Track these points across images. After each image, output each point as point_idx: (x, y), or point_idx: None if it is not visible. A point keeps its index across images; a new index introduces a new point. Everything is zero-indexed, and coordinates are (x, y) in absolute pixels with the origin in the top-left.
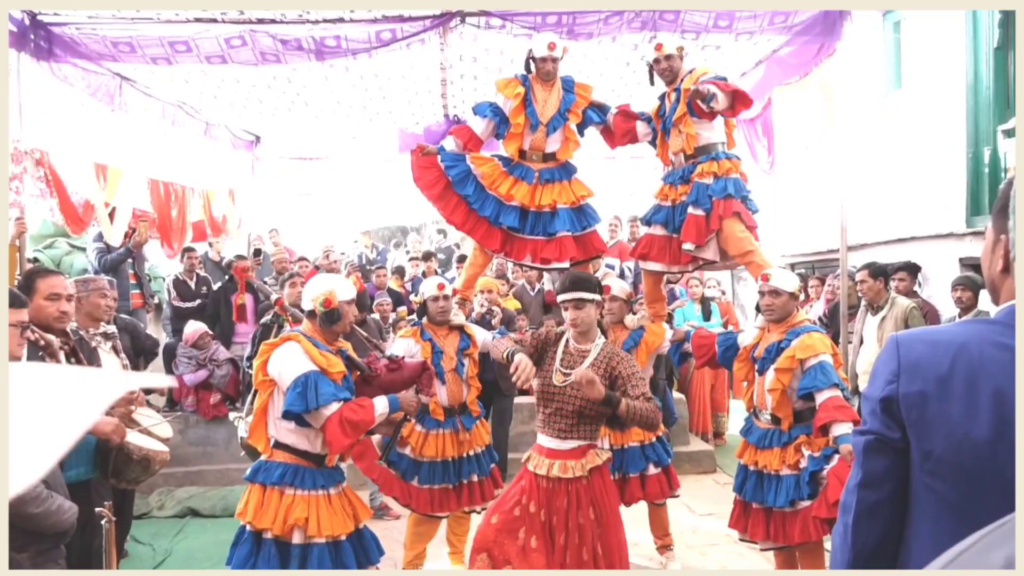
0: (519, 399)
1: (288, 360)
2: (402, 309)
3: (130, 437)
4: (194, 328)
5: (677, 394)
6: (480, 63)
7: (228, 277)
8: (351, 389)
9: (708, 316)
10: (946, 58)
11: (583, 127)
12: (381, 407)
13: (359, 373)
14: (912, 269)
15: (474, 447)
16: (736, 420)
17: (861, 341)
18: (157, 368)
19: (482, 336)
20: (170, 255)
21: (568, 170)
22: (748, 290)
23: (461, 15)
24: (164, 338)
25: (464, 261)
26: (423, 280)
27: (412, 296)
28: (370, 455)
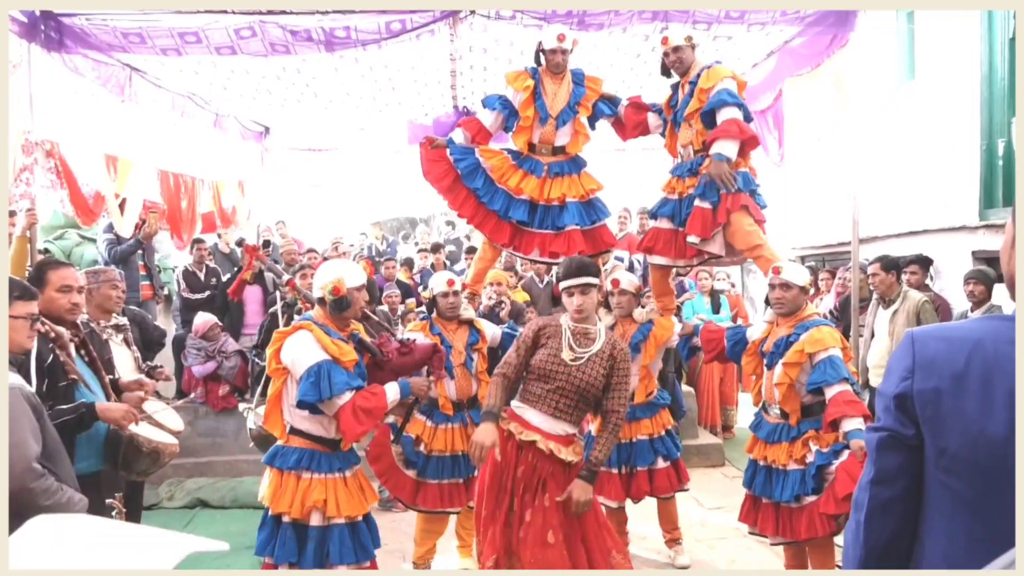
0: None
1: (301, 349)
2: (411, 301)
3: (140, 429)
4: (204, 319)
5: (686, 387)
6: (490, 54)
7: (237, 269)
8: (363, 376)
9: (717, 309)
10: (960, 49)
11: (594, 120)
12: (393, 394)
13: (371, 357)
14: (924, 262)
15: None
16: (745, 413)
17: (872, 335)
18: (165, 359)
19: (491, 331)
20: (180, 246)
21: (578, 163)
22: (758, 283)
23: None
24: (174, 329)
25: (473, 252)
26: (432, 273)
27: (421, 288)
28: (386, 459)
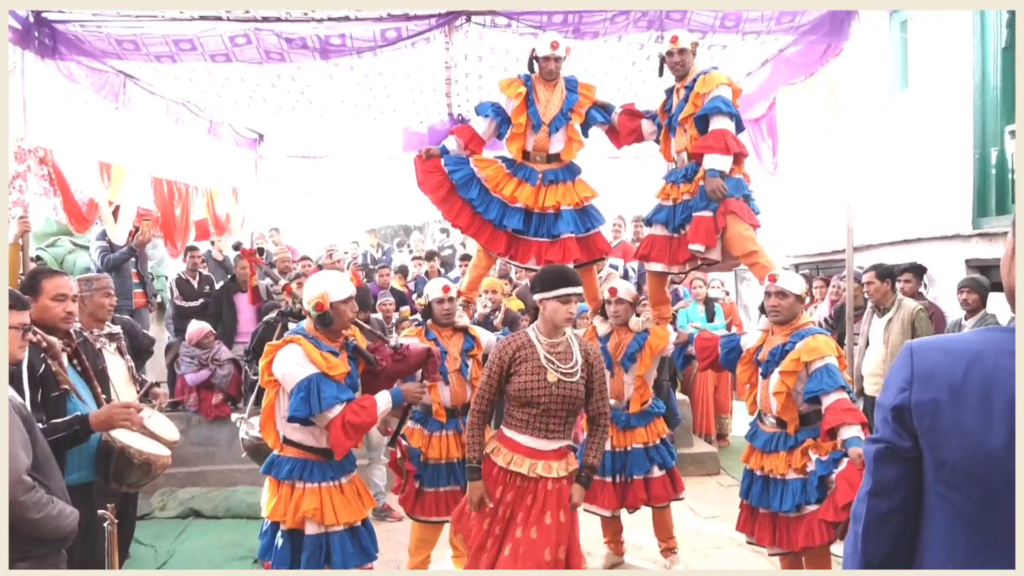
0: None
1: (290, 363)
2: (405, 309)
3: (132, 440)
4: (198, 327)
5: (680, 395)
6: (485, 62)
7: (231, 277)
8: (355, 386)
9: (712, 317)
10: (953, 58)
11: (587, 127)
12: (384, 404)
13: (367, 364)
14: (918, 270)
15: None
16: (739, 421)
17: (867, 343)
18: (158, 367)
19: (486, 338)
20: (173, 254)
21: (572, 171)
22: (752, 291)
23: (467, 14)
24: (167, 337)
25: (467, 260)
26: (426, 280)
27: (415, 296)
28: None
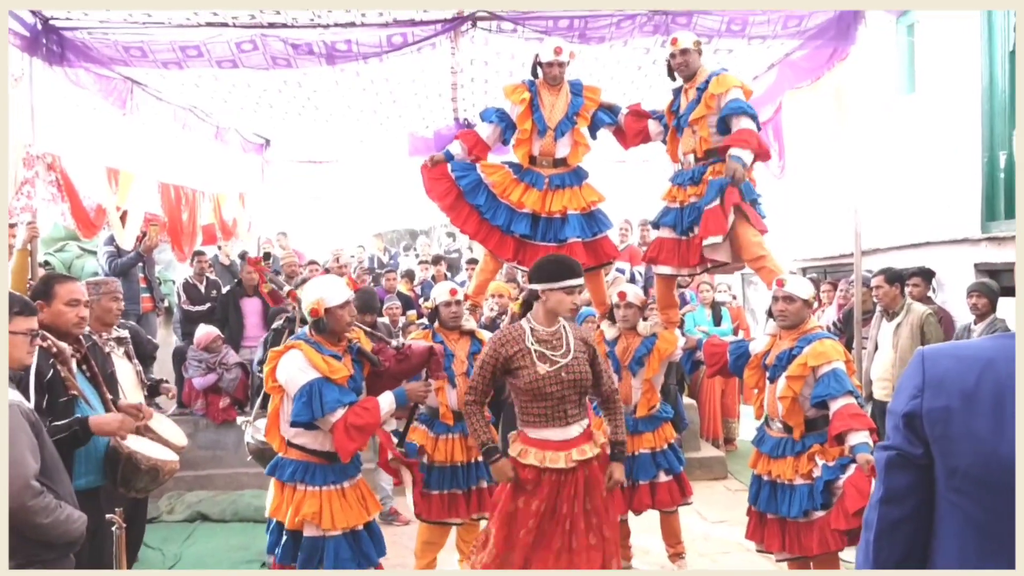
0: None
1: (292, 369)
2: (411, 313)
3: (139, 446)
4: (206, 331)
5: (688, 399)
6: (491, 67)
7: (237, 281)
8: (358, 389)
9: (719, 321)
10: (961, 62)
11: (594, 129)
12: (387, 405)
13: (371, 366)
14: (926, 275)
15: None
16: (747, 425)
17: (876, 347)
18: (165, 371)
19: None
20: (181, 259)
21: (579, 175)
22: (759, 294)
23: (472, 19)
24: (175, 342)
25: (474, 263)
26: (433, 285)
27: (422, 300)
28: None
